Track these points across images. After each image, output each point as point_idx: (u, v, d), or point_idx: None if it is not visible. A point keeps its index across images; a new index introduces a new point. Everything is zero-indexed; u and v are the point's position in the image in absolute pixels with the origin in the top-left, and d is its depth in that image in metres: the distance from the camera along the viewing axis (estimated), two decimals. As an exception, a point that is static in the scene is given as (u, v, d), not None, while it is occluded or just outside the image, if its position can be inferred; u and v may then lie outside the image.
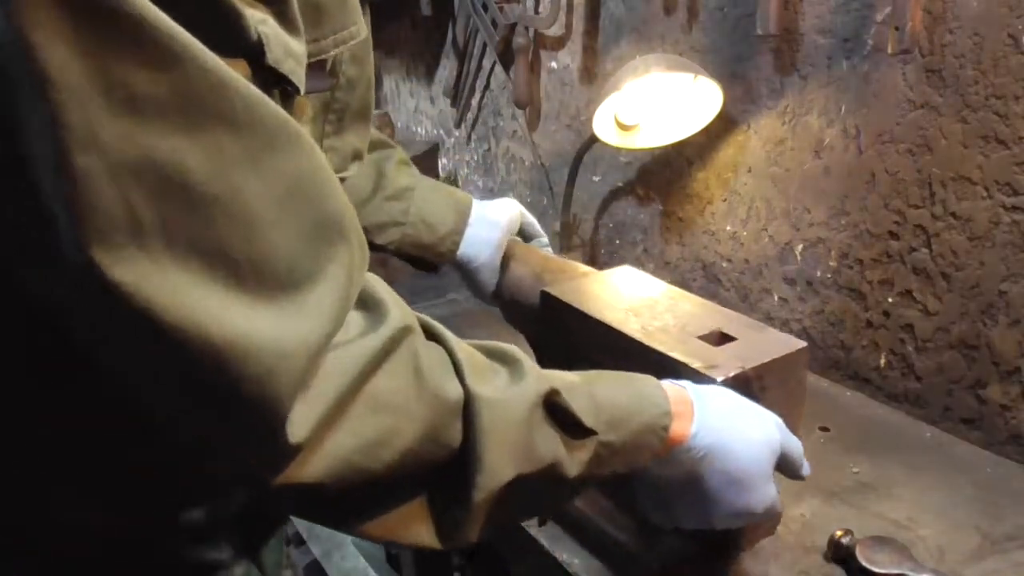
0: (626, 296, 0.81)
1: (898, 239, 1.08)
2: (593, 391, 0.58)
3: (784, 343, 0.73)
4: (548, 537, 0.84)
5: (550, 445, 0.54)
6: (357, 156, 0.77)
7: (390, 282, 0.76)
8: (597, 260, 1.63)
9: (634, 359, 0.74)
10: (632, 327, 0.75)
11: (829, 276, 1.18)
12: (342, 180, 0.73)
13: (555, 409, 0.54)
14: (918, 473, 0.94)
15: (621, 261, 1.14)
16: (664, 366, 0.71)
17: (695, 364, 0.68)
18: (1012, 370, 0.98)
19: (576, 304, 0.80)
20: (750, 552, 0.80)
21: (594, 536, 0.83)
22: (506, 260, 0.96)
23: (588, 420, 0.56)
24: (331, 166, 0.71)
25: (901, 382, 1.12)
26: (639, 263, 1.52)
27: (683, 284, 0.86)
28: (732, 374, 0.67)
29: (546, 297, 0.83)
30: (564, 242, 1.62)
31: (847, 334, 1.17)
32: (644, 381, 0.63)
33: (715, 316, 0.78)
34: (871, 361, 1.15)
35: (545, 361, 0.89)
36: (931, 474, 0.94)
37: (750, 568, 0.79)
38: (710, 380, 0.67)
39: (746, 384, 0.69)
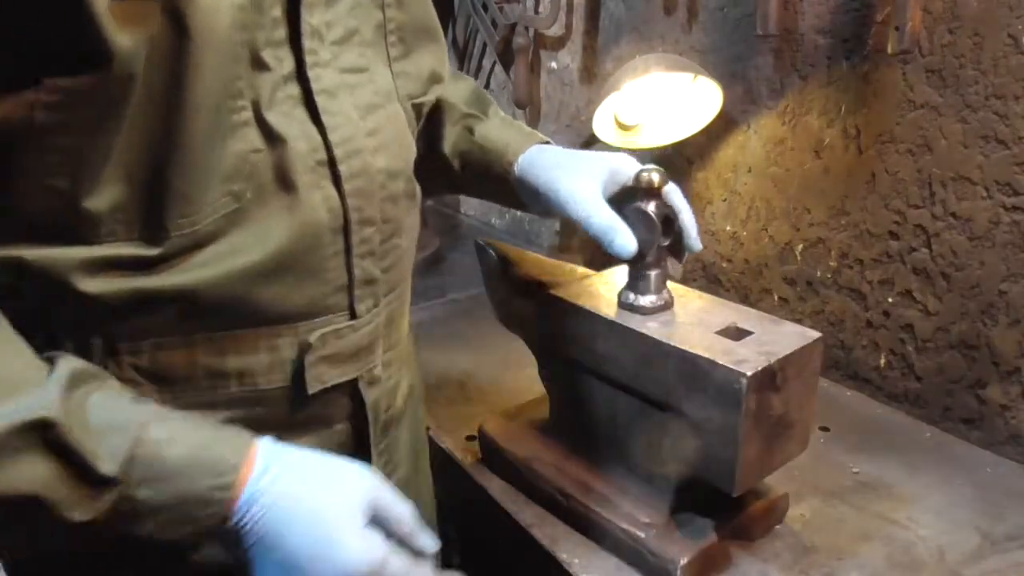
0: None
1: (898, 239, 1.08)
2: (144, 435, 0.51)
3: (801, 334, 0.73)
4: (548, 537, 0.84)
5: (31, 474, 0.48)
6: (435, 79, 0.76)
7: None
8: (597, 260, 1.63)
9: (654, 360, 0.74)
10: (649, 327, 0.75)
11: (829, 276, 1.18)
12: (420, 104, 0.73)
13: (54, 442, 0.48)
14: (918, 473, 0.94)
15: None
16: (689, 364, 0.71)
17: (722, 360, 0.68)
18: (1012, 370, 0.98)
19: (588, 307, 0.80)
20: (750, 551, 0.80)
21: (599, 532, 0.83)
22: (499, 264, 0.95)
23: (106, 466, 0.49)
24: (405, 91, 0.70)
25: (901, 382, 1.12)
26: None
27: (683, 284, 0.86)
28: (760, 368, 0.67)
29: (550, 300, 0.83)
30: (564, 242, 1.62)
31: (847, 334, 1.17)
32: (226, 440, 0.54)
33: (726, 311, 0.78)
34: (871, 361, 1.15)
35: (547, 367, 0.89)
36: (931, 474, 0.94)
37: (750, 568, 0.79)
38: (739, 376, 0.67)
39: (771, 377, 0.69)
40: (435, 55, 0.75)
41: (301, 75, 0.59)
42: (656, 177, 0.74)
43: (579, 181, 0.74)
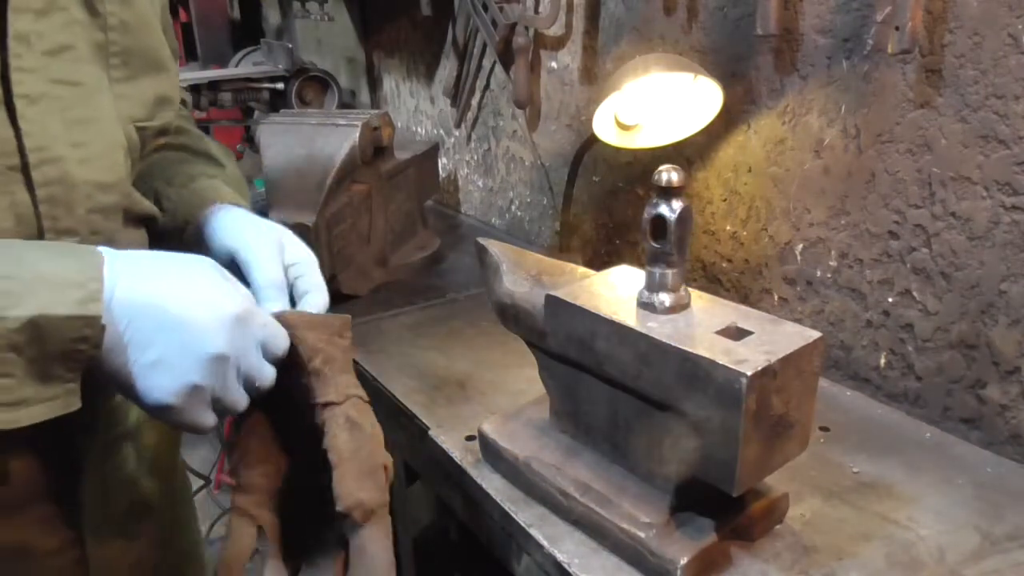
0: (633, 296, 0.81)
1: (898, 239, 1.08)
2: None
3: (801, 334, 0.73)
4: (548, 537, 0.84)
5: None
6: (163, 105, 0.76)
7: (390, 280, 0.76)
8: (597, 260, 1.63)
9: (654, 360, 0.74)
10: (649, 326, 0.75)
11: (829, 276, 1.18)
12: (145, 128, 0.73)
13: None
14: (918, 473, 0.94)
15: (621, 261, 1.14)
16: (689, 364, 0.71)
17: (722, 360, 0.69)
18: (1012, 370, 0.98)
19: (588, 307, 0.80)
20: (750, 551, 0.80)
21: (599, 531, 0.83)
22: (499, 264, 0.95)
23: None
24: (127, 112, 0.71)
25: (901, 382, 1.12)
26: (639, 263, 1.52)
27: (683, 284, 0.86)
28: (760, 368, 0.67)
29: (552, 301, 0.83)
30: (564, 242, 1.62)
31: (847, 334, 1.18)
32: (82, 255, 0.57)
33: (725, 311, 0.79)
34: (871, 361, 1.15)
35: (547, 367, 0.89)
36: (931, 474, 0.94)
37: (750, 567, 0.79)
38: (739, 376, 0.67)
39: (771, 377, 0.69)
40: (164, 83, 0.76)
41: (5, 78, 0.60)
42: (675, 176, 0.74)
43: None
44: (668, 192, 0.74)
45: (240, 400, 0.63)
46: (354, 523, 0.65)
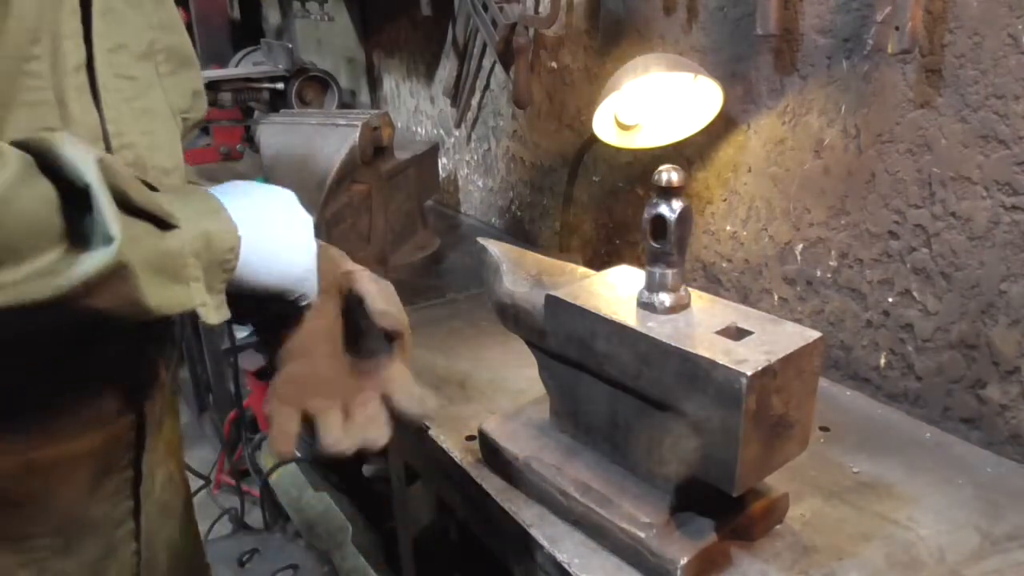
0: (633, 296, 0.81)
1: (898, 239, 1.08)
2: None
3: (801, 334, 0.73)
4: (548, 537, 0.84)
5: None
6: (198, 95, 0.83)
7: (391, 280, 0.77)
8: (597, 260, 1.63)
9: (654, 360, 0.74)
10: (649, 326, 0.75)
11: (829, 276, 1.18)
12: (187, 119, 0.80)
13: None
14: (918, 473, 0.94)
15: (621, 261, 1.15)
16: (689, 364, 0.71)
17: (722, 360, 0.69)
18: (1012, 370, 0.98)
19: (588, 307, 0.80)
20: (750, 551, 0.80)
21: (599, 531, 0.83)
22: (499, 264, 0.95)
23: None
24: (175, 104, 0.77)
25: (901, 382, 1.12)
26: (639, 263, 1.52)
27: (683, 284, 0.86)
28: (760, 368, 0.67)
29: (552, 301, 0.83)
30: (564, 242, 1.62)
31: (847, 334, 1.18)
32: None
33: (726, 311, 0.79)
34: (871, 361, 1.15)
35: (547, 367, 0.89)
36: (931, 474, 0.94)
37: (750, 567, 0.79)
38: (739, 376, 0.67)
39: (771, 377, 0.69)
40: (195, 77, 0.83)
41: (90, 67, 0.64)
42: (675, 176, 0.74)
43: None
44: (668, 192, 0.74)
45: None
46: (384, 332, 0.77)
